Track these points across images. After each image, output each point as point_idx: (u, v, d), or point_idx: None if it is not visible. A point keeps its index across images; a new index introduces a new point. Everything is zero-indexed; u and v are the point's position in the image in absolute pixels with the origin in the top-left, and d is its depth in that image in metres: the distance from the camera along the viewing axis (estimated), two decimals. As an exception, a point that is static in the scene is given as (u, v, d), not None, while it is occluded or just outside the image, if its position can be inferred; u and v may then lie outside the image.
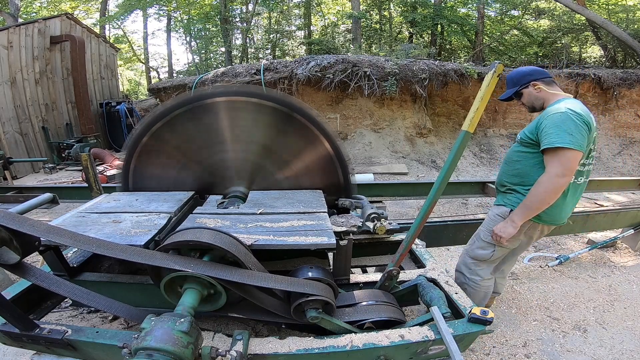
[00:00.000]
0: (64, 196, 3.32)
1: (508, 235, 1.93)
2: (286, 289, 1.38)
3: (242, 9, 15.36)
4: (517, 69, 2.12)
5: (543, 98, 2.00)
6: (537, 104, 2.04)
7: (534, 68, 2.10)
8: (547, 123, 1.80)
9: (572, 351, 2.26)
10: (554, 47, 12.06)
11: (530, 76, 2.02)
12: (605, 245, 3.61)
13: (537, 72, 2.05)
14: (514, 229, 1.92)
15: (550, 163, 1.78)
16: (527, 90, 2.03)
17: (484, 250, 2.15)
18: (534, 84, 2.01)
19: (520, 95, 2.07)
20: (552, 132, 1.76)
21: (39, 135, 8.25)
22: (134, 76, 22.89)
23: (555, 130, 1.75)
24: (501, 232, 1.95)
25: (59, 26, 8.94)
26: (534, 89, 2.01)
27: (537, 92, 2.01)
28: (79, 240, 1.26)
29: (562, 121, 1.75)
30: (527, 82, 2.02)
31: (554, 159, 1.76)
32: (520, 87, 2.04)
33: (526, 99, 2.06)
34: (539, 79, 2.01)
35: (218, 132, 2.03)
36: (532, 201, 1.84)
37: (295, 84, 7.21)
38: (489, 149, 8.12)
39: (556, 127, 1.75)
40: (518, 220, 1.90)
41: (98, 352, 1.42)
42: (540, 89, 2.00)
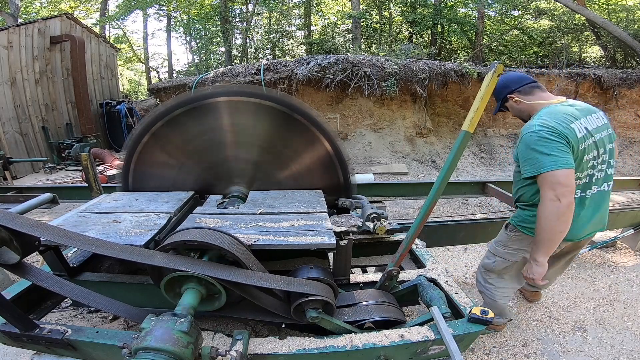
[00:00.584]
0: (64, 196, 3.32)
1: (539, 275, 1.79)
2: (286, 289, 1.38)
3: (242, 9, 15.36)
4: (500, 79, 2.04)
5: (526, 110, 1.87)
6: (524, 116, 1.90)
7: (510, 77, 1.93)
8: (522, 147, 1.70)
9: (572, 351, 2.26)
10: (554, 47, 12.06)
11: (505, 88, 1.89)
12: (605, 245, 3.60)
13: (512, 81, 1.89)
14: (542, 267, 1.77)
15: (541, 189, 1.65)
16: (509, 103, 1.92)
17: (488, 260, 2.17)
18: (510, 97, 1.88)
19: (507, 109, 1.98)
20: (530, 157, 1.64)
21: (39, 135, 8.24)
22: (134, 76, 22.89)
23: (532, 154, 1.63)
24: (529, 274, 1.83)
25: (59, 26, 8.94)
26: (513, 102, 1.89)
27: (517, 104, 1.88)
28: (79, 240, 1.26)
29: (534, 142, 1.62)
30: (505, 96, 1.90)
31: (543, 184, 1.63)
32: (501, 102, 1.94)
33: (512, 112, 1.96)
34: (514, 90, 1.86)
35: (218, 132, 2.03)
36: (542, 236, 1.70)
37: (295, 84, 7.21)
38: (489, 149, 8.11)
39: (531, 151, 1.64)
40: (541, 258, 1.75)
41: (98, 352, 1.42)
42: (519, 102, 1.86)
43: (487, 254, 2.19)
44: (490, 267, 2.14)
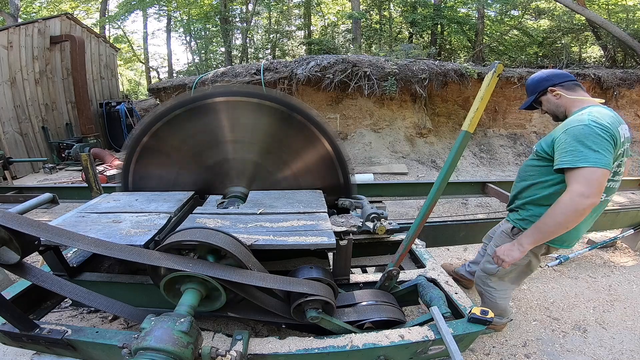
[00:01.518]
0: (63, 196, 3.32)
1: (512, 259, 1.73)
2: (286, 289, 1.38)
3: (242, 9, 15.36)
4: (534, 75, 1.92)
5: (564, 105, 1.79)
6: (559, 112, 1.83)
7: (553, 71, 1.88)
8: (566, 137, 1.59)
9: (572, 351, 2.26)
10: (554, 47, 12.05)
11: (547, 81, 1.83)
12: (605, 245, 3.60)
13: (555, 76, 1.83)
14: (521, 254, 1.71)
15: (573, 181, 1.53)
16: (545, 97, 1.84)
17: (490, 265, 2.07)
18: (551, 89, 1.81)
19: (541, 103, 1.89)
20: (573, 148, 1.54)
21: (39, 135, 8.24)
22: (134, 76, 22.88)
23: (577, 147, 1.53)
24: (504, 255, 1.76)
25: (59, 26, 8.94)
26: (552, 96, 1.82)
27: (557, 98, 1.81)
28: (79, 240, 1.26)
29: (584, 136, 1.53)
30: (544, 89, 1.83)
31: (575, 178, 1.53)
32: (538, 94, 1.85)
33: (546, 107, 1.87)
34: (557, 84, 1.80)
35: (218, 132, 2.03)
36: (547, 224, 1.61)
37: (295, 84, 7.21)
38: (489, 149, 8.11)
39: (578, 143, 1.53)
40: (527, 244, 1.70)
41: (98, 352, 1.42)
42: (559, 95, 1.79)
43: (488, 259, 2.08)
44: (493, 272, 2.06)
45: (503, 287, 2.12)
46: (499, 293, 2.13)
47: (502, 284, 2.12)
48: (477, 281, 2.26)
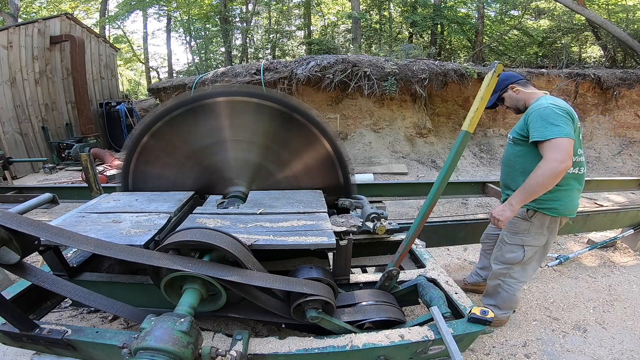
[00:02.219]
0: (63, 196, 3.32)
1: (506, 218, 1.97)
2: (286, 289, 1.38)
3: (242, 8, 15.36)
4: None
5: (523, 99, 2.13)
6: (520, 105, 2.16)
7: (509, 73, 2.25)
8: (533, 117, 1.92)
9: (572, 351, 2.26)
10: (554, 47, 12.05)
11: (506, 81, 2.18)
12: (605, 245, 3.61)
13: (512, 76, 2.21)
14: (512, 212, 1.95)
15: (545, 151, 1.85)
16: (507, 94, 2.18)
17: (513, 253, 2.19)
18: (511, 87, 2.15)
19: (503, 100, 2.22)
20: (540, 125, 1.86)
21: (39, 135, 8.24)
22: (134, 76, 22.89)
23: (543, 124, 1.86)
24: (499, 215, 1.99)
25: (58, 26, 8.94)
26: (512, 92, 2.16)
27: (516, 94, 2.15)
28: (79, 241, 1.26)
29: (547, 115, 1.86)
30: (506, 87, 2.17)
31: (547, 148, 1.83)
32: (500, 92, 2.18)
33: (508, 102, 2.20)
34: (515, 82, 2.16)
35: (218, 132, 2.03)
36: (531, 185, 1.88)
37: (295, 84, 7.21)
38: (488, 149, 8.12)
39: (543, 121, 1.86)
40: (516, 203, 1.94)
41: (98, 352, 1.42)
42: (518, 91, 2.14)
43: (511, 248, 2.20)
44: (519, 260, 2.18)
45: (524, 275, 2.26)
46: (519, 284, 2.27)
47: (524, 272, 2.24)
48: (495, 278, 2.32)
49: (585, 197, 4.66)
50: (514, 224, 2.15)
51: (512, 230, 2.17)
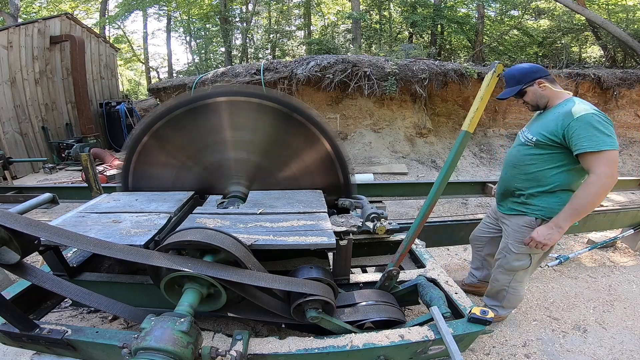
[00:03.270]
0: (63, 196, 3.32)
1: (554, 242, 1.88)
2: (286, 289, 1.38)
3: (242, 8, 15.36)
4: (518, 67, 2.05)
5: (548, 96, 1.96)
6: (542, 103, 1.99)
7: (537, 65, 2.04)
8: (580, 125, 1.73)
9: (572, 351, 2.26)
10: (554, 47, 12.05)
11: (535, 74, 1.96)
12: (605, 245, 3.60)
13: (540, 69, 1.99)
14: (560, 235, 1.86)
15: (596, 165, 1.72)
16: (532, 88, 1.97)
17: (521, 262, 2.13)
18: (539, 81, 1.94)
19: (524, 94, 2.00)
20: (591, 133, 1.71)
21: (39, 135, 8.24)
22: (134, 76, 22.89)
23: (594, 132, 1.70)
24: (547, 240, 1.88)
25: (58, 26, 8.94)
26: (539, 87, 1.95)
27: (543, 90, 1.95)
28: (79, 241, 1.26)
29: (596, 122, 1.72)
30: (533, 80, 1.95)
31: (599, 160, 1.71)
32: (525, 85, 1.97)
33: (530, 97, 1.99)
34: (543, 77, 1.95)
35: (218, 132, 2.03)
36: (581, 204, 1.77)
37: (295, 84, 7.21)
38: (489, 149, 8.11)
39: (594, 129, 1.71)
40: (566, 225, 1.84)
41: (98, 352, 1.42)
42: (545, 87, 1.95)
43: (518, 257, 2.11)
44: (526, 267, 2.14)
45: (527, 277, 2.26)
46: (523, 285, 2.27)
47: (527, 274, 2.23)
48: (499, 285, 2.27)
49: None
50: (522, 232, 2.05)
51: (518, 239, 2.08)
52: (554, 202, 1.94)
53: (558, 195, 1.93)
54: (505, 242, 2.18)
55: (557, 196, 1.93)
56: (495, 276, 2.28)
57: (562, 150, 1.85)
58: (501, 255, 2.22)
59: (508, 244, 2.15)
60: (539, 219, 1.99)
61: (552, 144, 1.86)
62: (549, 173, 1.91)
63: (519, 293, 2.27)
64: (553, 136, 1.85)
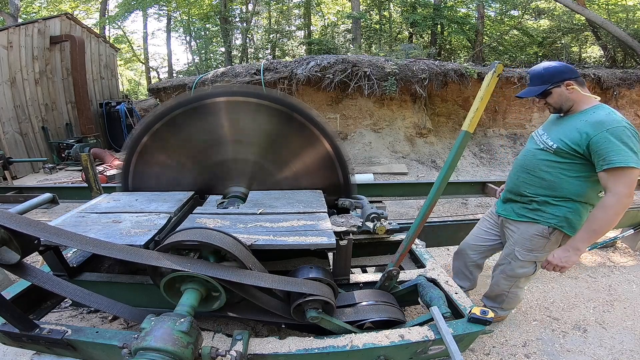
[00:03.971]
0: (63, 196, 3.32)
1: (572, 264, 1.81)
2: (286, 289, 1.38)
3: (242, 8, 15.36)
4: (545, 65, 1.89)
5: (574, 100, 1.82)
6: (566, 106, 1.85)
7: (567, 65, 1.88)
8: (610, 137, 1.62)
9: (572, 351, 2.26)
10: (554, 47, 12.06)
11: (564, 74, 1.82)
12: (605, 245, 3.60)
13: (570, 70, 1.85)
14: (578, 257, 1.79)
15: (616, 183, 1.63)
16: (559, 89, 1.82)
17: (525, 269, 2.07)
18: (567, 83, 1.80)
19: (548, 95, 1.85)
20: (618, 148, 1.60)
21: (39, 135, 8.24)
22: (134, 76, 22.89)
23: (621, 147, 1.60)
24: (564, 263, 1.80)
25: (58, 26, 8.94)
26: (566, 89, 1.81)
27: (570, 92, 1.81)
28: (79, 241, 1.26)
29: (626, 136, 1.62)
30: (560, 81, 1.81)
31: (620, 178, 1.62)
32: (552, 85, 1.82)
33: (555, 99, 1.85)
34: (573, 79, 1.81)
35: (218, 132, 2.03)
36: (600, 226, 1.71)
37: (295, 84, 7.21)
38: (489, 149, 8.11)
39: (622, 143, 1.61)
40: (583, 247, 1.77)
41: (98, 352, 1.42)
42: (573, 90, 1.80)
43: (523, 264, 2.05)
44: (530, 274, 2.10)
45: (528, 281, 2.30)
46: (523, 290, 2.31)
47: (528, 281, 2.27)
48: (499, 288, 2.25)
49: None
50: (531, 241, 1.98)
51: (527, 247, 2.01)
52: (568, 211, 1.86)
53: (572, 205, 1.85)
54: (511, 248, 2.08)
55: (572, 205, 1.85)
56: (497, 280, 2.23)
57: (583, 161, 1.75)
58: (505, 261, 2.14)
59: (514, 251, 2.05)
60: (551, 228, 1.91)
61: (574, 154, 1.76)
62: (566, 182, 1.82)
63: (519, 296, 2.29)
64: (576, 146, 1.74)
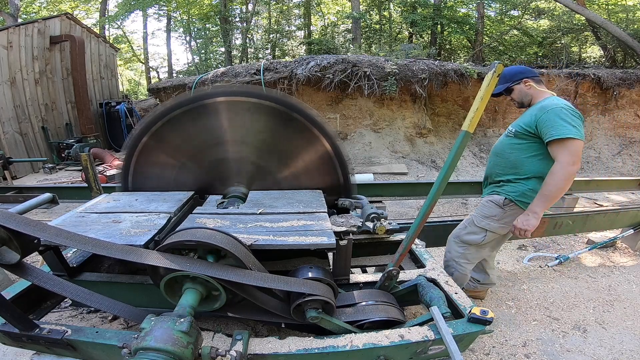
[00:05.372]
0: (63, 196, 3.32)
1: (532, 227, 2.00)
2: (286, 289, 1.38)
3: (242, 8, 15.36)
4: (511, 67, 2.28)
5: (532, 95, 2.16)
6: (526, 100, 2.19)
7: (526, 67, 2.28)
8: (549, 116, 1.93)
9: (571, 351, 2.26)
10: (554, 47, 12.06)
11: (522, 74, 2.19)
12: (605, 245, 3.61)
13: (528, 70, 2.22)
14: (537, 220, 1.99)
15: (560, 153, 1.89)
16: (519, 86, 2.18)
17: (475, 235, 2.28)
18: (525, 81, 2.16)
19: (511, 91, 2.21)
20: (557, 124, 1.88)
21: (39, 135, 8.24)
22: (134, 76, 22.89)
23: (561, 122, 1.88)
24: (525, 226, 2.01)
25: (58, 26, 8.94)
26: (524, 86, 2.16)
27: (527, 88, 2.16)
28: (78, 241, 1.26)
29: (565, 114, 1.90)
30: (519, 79, 2.17)
31: (563, 149, 1.88)
32: (513, 83, 2.18)
33: (516, 94, 2.21)
34: (530, 77, 2.16)
35: (218, 132, 2.03)
36: (550, 190, 1.93)
37: (295, 84, 7.21)
38: (488, 149, 8.11)
39: (561, 120, 1.89)
40: (539, 209, 1.98)
41: (98, 352, 1.42)
42: (530, 86, 2.15)
43: (473, 230, 2.28)
44: (478, 242, 2.27)
45: (476, 257, 2.36)
46: (470, 265, 2.37)
47: (477, 254, 2.34)
48: (450, 258, 2.40)
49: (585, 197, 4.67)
50: (488, 207, 2.22)
51: (483, 213, 2.24)
52: (525, 187, 2.11)
53: (530, 182, 2.10)
54: (470, 215, 2.36)
55: (529, 182, 2.10)
56: (449, 245, 2.44)
57: (537, 141, 2.02)
58: (462, 226, 2.38)
59: (472, 217, 2.32)
60: (507, 199, 2.15)
61: (528, 134, 2.05)
62: (525, 161, 2.08)
63: (465, 272, 2.36)
64: (528, 127, 2.04)
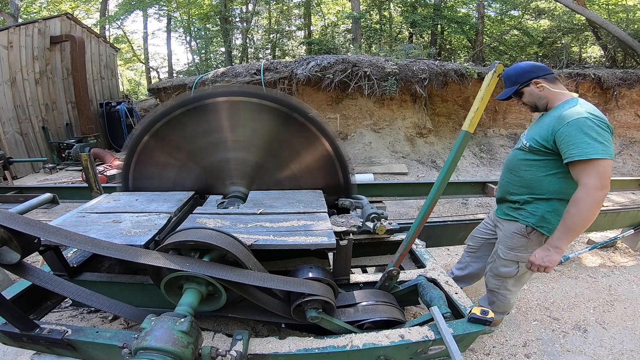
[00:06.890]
0: (64, 196, 3.32)
1: (553, 263, 1.75)
2: (286, 289, 1.38)
3: (242, 9, 15.36)
4: (515, 66, 1.95)
5: (547, 97, 1.83)
6: (541, 104, 1.87)
7: (535, 64, 1.91)
8: (570, 131, 1.61)
9: (572, 351, 2.26)
10: (554, 47, 12.05)
11: (531, 73, 1.85)
12: (605, 245, 3.60)
13: (538, 68, 1.86)
14: (559, 255, 1.73)
15: (585, 175, 1.59)
16: (529, 89, 1.86)
17: (507, 268, 2.03)
18: (535, 82, 1.83)
19: (521, 95, 1.90)
20: (580, 141, 1.58)
21: (39, 135, 8.24)
22: (134, 76, 22.88)
23: (585, 139, 1.57)
24: (546, 262, 1.75)
25: (59, 26, 8.93)
26: (536, 88, 1.84)
27: (540, 90, 1.83)
28: (79, 241, 1.26)
29: (589, 127, 1.58)
30: (528, 80, 1.84)
31: (589, 171, 1.57)
32: (521, 85, 1.86)
33: (527, 98, 1.89)
34: (541, 77, 1.83)
35: (218, 132, 2.03)
36: (575, 222, 1.64)
37: (295, 84, 7.21)
38: (489, 149, 8.11)
39: (584, 135, 1.58)
40: (562, 244, 1.72)
41: (98, 352, 1.42)
42: (543, 88, 1.82)
43: (504, 263, 2.03)
44: (513, 275, 2.04)
45: (518, 285, 2.14)
46: (513, 294, 2.15)
47: (518, 284, 2.13)
48: (489, 287, 2.21)
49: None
50: (512, 239, 1.97)
51: (508, 245, 2.00)
52: (546, 210, 1.84)
53: (552, 204, 1.83)
54: (496, 247, 2.11)
55: (550, 204, 1.84)
56: (487, 278, 2.22)
57: (555, 157, 1.74)
58: (492, 259, 2.15)
59: (498, 249, 2.07)
60: (529, 227, 1.90)
61: (545, 150, 1.76)
62: (543, 180, 1.81)
63: (509, 300, 2.17)
64: (545, 142, 1.75)
